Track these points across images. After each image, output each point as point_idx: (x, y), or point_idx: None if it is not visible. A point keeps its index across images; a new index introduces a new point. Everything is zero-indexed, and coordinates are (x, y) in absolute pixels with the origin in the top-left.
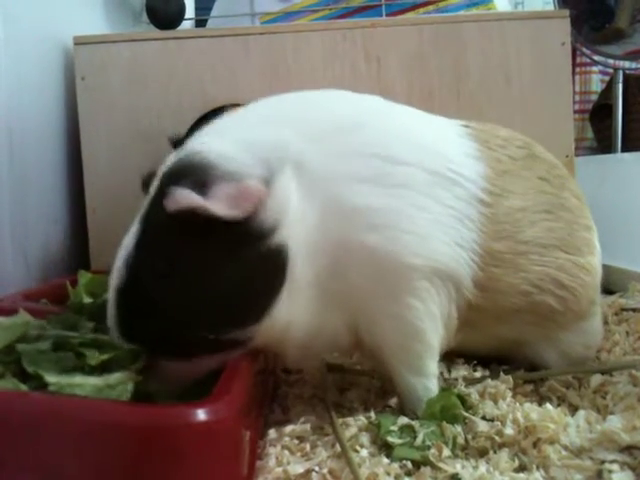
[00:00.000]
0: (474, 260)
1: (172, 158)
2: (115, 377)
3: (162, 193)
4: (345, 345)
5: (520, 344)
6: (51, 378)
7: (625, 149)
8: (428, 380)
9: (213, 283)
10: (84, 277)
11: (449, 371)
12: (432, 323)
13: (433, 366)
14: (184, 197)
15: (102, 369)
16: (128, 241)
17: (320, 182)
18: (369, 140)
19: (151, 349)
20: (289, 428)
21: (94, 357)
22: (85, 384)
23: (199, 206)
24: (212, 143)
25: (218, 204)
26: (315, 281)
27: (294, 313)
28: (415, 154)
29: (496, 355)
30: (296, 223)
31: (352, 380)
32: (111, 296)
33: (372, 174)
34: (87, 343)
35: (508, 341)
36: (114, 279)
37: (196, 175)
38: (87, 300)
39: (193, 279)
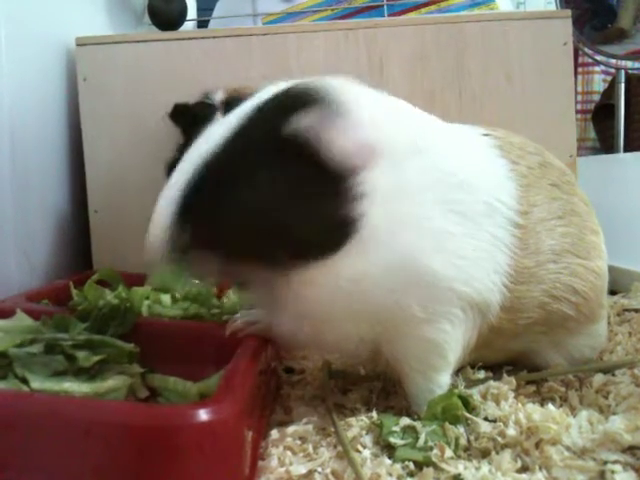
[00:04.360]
0: (505, 284)
1: (284, 85)
2: (107, 385)
3: (278, 108)
4: (362, 356)
5: (528, 353)
6: (36, 384)
7: (627, 149)
8: (439, 388)
9: (285, 210)
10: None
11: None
12: (455, 345)
13: (447, 377)
14: (313, 126)
15: (97, 370)
16: (223, 130)
17: (399, 197)
18: (445, 161)
19: (204, 237)
20: (291, 428)
21: (87, 359)
22: (73, 391)
23: (324, 142)
24: (346, 90)
25: (340, 147)
26: (366, 277)
27: (342, 278)
28: (473, 182)
29: (502, 362)
30: (376, 214)
31: (354, 381)
32: (187, 169)
33: (443, 197)
34: (79, 345)
35: (517, 352)
36: (196, 152)
37: (323, 105)
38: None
39: (274, 192)
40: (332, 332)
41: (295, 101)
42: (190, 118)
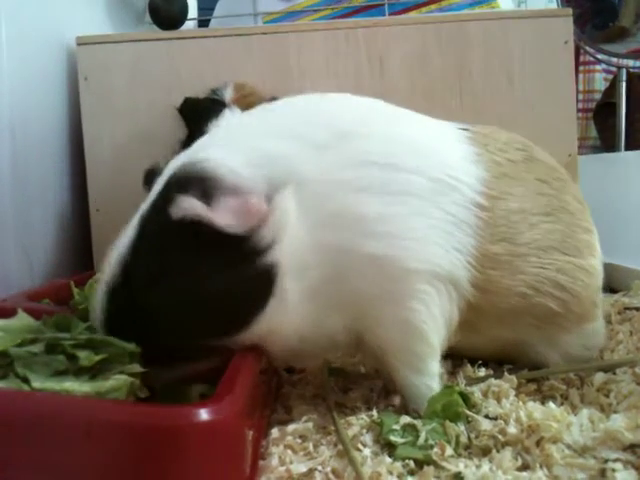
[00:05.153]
0: (471, 263)
1: (177, 162)
2: (108, 384)
3: (166, 198)
4: (341, 345)
5: (523, 347)
6: (37, 383)
7: (629, 148)
8: (431, 379)
9: (202, 292)
10: None
11: (453, 370)
12: (434, 325)
13: (435, 366)
14: (190, 206)
15: (98, 369)
16: (124, 239)
17: (322, 195)
18: (371, 148)
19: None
20: (292, 427)
21: (87, 358)
22: (74, 391)
23: (204, 217)
24: (219, 152)
25: (222, 217)
26: (312, 292)
27: (283, 323)
28: (415, 161)
29: (501, 358)
30: (292, 240)
31: (355, 379)
32: (99, 293)
33: (373, 183)
34: (80, 344)
35: (511, 344)
36: (105, 276)
37: (202, 185)
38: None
39: (184, 286)
40: (309, 340)
41: (174, 188)
42: (199, 113)
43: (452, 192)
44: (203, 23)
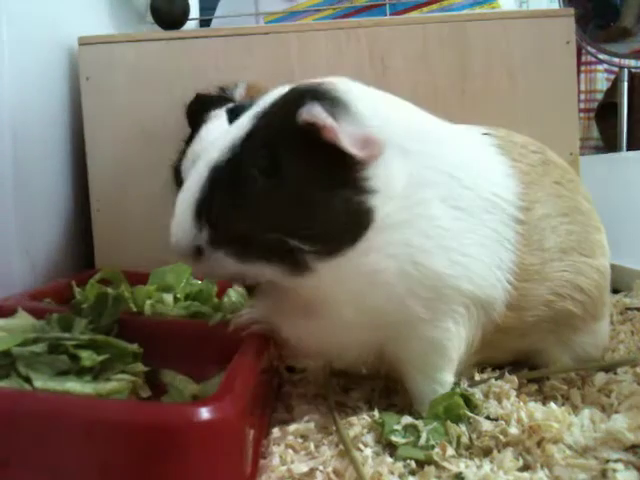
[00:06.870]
0: (509, 281)
1: (283, 89)
2: (110, 386)
3: (289, 103)
4: (365, 360)
5: (534, 352)
6: (39, 382)
7: (630, 147)
8: (442, 387)
9: (305, 198)
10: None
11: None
12: (457, 342)
13: (449, 377)
14: (322, 115)
15: (100, 369)
16: (234, 130)
17: (410, 190)
18: (447, 158)
19: (219, 237)
20: (293, 427)
21: (90, 358)
22: (75, 391)
23: (333, 130)
24: (350, 88)
25: (348, 138)
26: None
27: (342, 285)
28: (474, 179)
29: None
30: (390, 201)
31: (356, 379)
32: (201, 171)
33: (447, 194)
34: (83, 344)
35: (523, 352)
36: (210, 154)
37: (331, 102)
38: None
39: (287, 187)
40: (338, 337)
41: (305, 95)
42: (207, 109)
43: (495, 210)
44: (205, 23)
